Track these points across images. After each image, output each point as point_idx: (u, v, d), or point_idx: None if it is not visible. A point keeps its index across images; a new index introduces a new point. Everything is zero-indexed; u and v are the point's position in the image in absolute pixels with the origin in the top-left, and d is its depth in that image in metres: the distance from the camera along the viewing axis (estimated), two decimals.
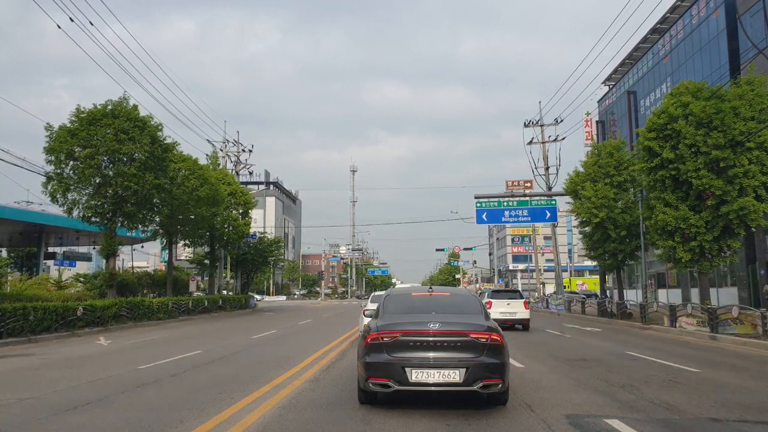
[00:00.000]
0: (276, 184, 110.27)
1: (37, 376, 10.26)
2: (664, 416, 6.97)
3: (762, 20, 27.65)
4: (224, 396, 8.08)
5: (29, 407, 7.46)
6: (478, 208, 36.30)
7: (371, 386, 6.77)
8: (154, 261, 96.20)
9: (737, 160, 19.63)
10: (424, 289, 8.58)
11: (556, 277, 41.26)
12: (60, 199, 25.31)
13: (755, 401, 8.13)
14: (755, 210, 19.48)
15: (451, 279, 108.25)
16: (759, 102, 20.13)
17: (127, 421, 6.63)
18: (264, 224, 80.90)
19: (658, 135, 21.18)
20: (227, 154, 44.73)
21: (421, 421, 6.57)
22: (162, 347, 15.33)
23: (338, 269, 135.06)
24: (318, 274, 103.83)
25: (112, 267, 27.98)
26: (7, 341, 16.00)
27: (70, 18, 21.64)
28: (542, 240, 69.38)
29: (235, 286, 48.02)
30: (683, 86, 21.73)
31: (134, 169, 25.20)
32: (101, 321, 21.40)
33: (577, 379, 9.84)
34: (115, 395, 8.21)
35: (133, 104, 26.43)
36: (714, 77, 30.47)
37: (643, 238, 26.15)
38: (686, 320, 20.65)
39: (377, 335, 6.83)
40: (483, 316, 7.37)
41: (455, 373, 6.57)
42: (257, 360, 12.34)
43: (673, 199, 21.08)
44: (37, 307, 18.00)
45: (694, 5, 37.49)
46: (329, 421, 6.62)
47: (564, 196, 35.88)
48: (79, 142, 24.70)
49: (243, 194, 42.24)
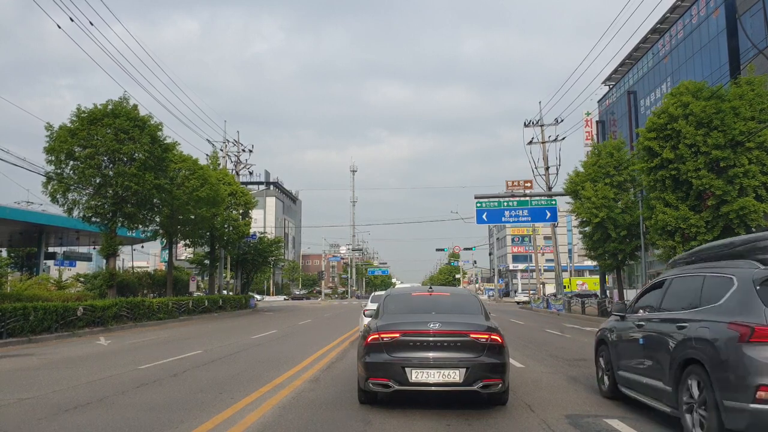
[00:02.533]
0: (276, 184, 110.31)
1: (37, 376, 10.26)
2: (665, 416, 6.96)
3: (762, 20, 27.66)
4: (224, 396, 8.08)
5: (29, 407, 7.45)
6: (479, 208, 36.32)
7: (371, 386, 6.78)
8: (154, 261, 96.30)
9: (737, 160, 19.64)
10: (424, 289, 8.58)
11: (556, 277, 41.27)
12: (60, 199, 25.31)
13: None
14: (755, 210, 19.49)
15: (451, 279, 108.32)
16: (759, 102, 20.13)
17: (127, 421, 6.63)
18: (264, 224, 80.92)
19: (658, 135, 21.18)
20: (227, 154, 44.76)
21: (421, 421, 6.57)
22: (162, 347, 15.33)
23: (338, 269, 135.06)
24: (318, 274, 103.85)
25: (112, 267, 27.98)
26: (7, 341, 16.00)
27: (70, 18, 21.68)
28: (542, 240, 69.41)
29: (235, 286, 48.03)
30: (683, 86, 21.74)
31: (134, 169, 25.20)
32: (101, 321, 21.39)
33: (577, 378, 9.84)
34: (115, 395, 8.20)
35: (133, 104, 26.50)
36: (714, 77, 30.50)
37: (643, 238, 26.16)
38: None
39: (377, 335, 6.83)
40: (483, 316, 7.37)
41: (455, 373, 6.57)
42: (257, 360, 12.34)
43: (673, 199, 21.08)
44: (37, 307, 17.99)
45: (694, 5, 37.51)
46: (329, 421, 6.62)
47: (564, 196, 35.91)
48: (80, 141, 24.70)
49: (243, 194, 42.25)
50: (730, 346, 5.04)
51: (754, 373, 4.74)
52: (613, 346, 7.80)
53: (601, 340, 8.38)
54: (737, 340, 4.97)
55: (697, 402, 5.39)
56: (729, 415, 4.86)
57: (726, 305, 5.44)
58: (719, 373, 5.06)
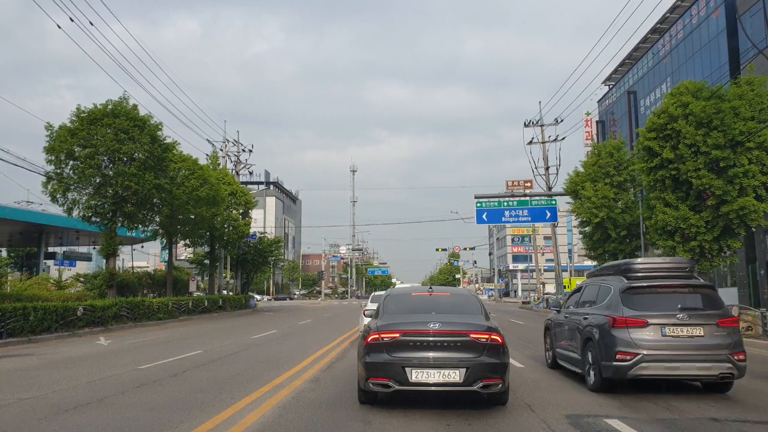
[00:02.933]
0: (276, 184, 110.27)
1: (37, 376, 10.26)
2: (665, 416, 6.97)
3: (762, 20, 27.65)
4: (224, 396, 8.08)
5: (29, 407, 7.45)
6: (479, 208, 36.28)
7: (371, 386, 6.77)
8: (154, 261, 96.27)
9: (737, 160, 19.62)
10: (424, 289, 8.58)
11: (556, 277, 41.26)
12: (60, 199, 25.28)
13: (755, 401, 8.13)
14: (755, 210, 19.47)
15: (451, 279, 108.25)
16: (759, 102, 20.11)
17: (127, 421, 6.63)
18: (264, 224, 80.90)
19: (658, 135, 21.16)
20: (227, 154, 44.74)
21: (421, 421, 6.57)
22: (162, 347, 15.33)
23: (338, 269, 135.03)
24: (318, 274, 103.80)
25: (112, 267, 27.97)
26: (7, 341, 16.00)
27: (71, 18, 21.66)
28: (542, 240, 69.39)
29: (235, 286, 48.02)
30: (683, 86, 21.72)
31: (134, 168, 25.18)
32: (101, 321, 21.39)
33: (577, 379, 9.84)
34: (115, 395, 8.20)
35: (133, 104, 26.48)
36: (714, 77, 30.49)
37: (643, 238, 26.15)
38: None
39: (377, 335, 6.83)
40: (483, 316, 7.37)
41: (455, 373, 6.57)
42: (257, 360, 12.33)
43: (673, 199, 21.07)
44: (37, 307, 17.98)
45: (694, 5, 37.49)
46: (329, 421, 6.62)
47: (564, 196, 35.88)
48: (79, 141, 24.68)
49: (243, 194, 42.22)
50: (605, 329, 8.39)
51: (615, 344, 8.13)
52: (552, 331, 11.15)
53: (546, 327, 11.65)
54: (608, 325, 8.34)
55: (592, 365, 8.68)
56: (604, 369, 8.24)
57: (606, 304, 8.84)
58: (600, 345, 8.39)
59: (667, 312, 8.15)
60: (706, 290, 8.65)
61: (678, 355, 7.92)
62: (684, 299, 8.41)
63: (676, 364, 7.92)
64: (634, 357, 7.94)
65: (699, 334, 8.04)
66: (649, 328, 8.07)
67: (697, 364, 7.92)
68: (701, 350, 7.95)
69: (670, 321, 8.08)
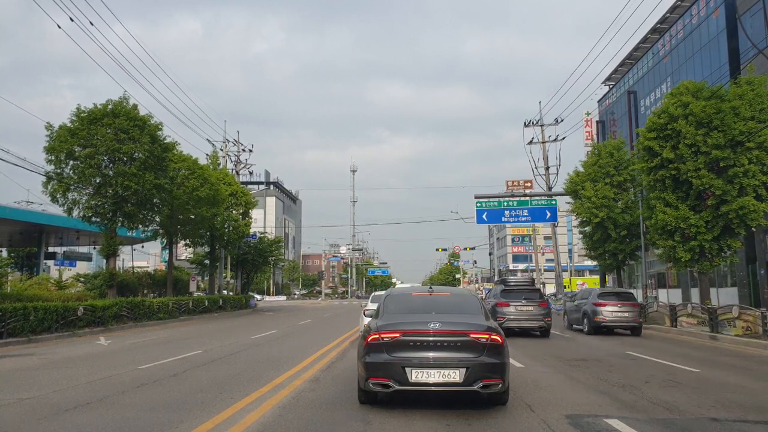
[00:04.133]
0: (276, 184, 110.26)
1: (37, 375, 10.26)
2: (665, 416, 6.97)
3: (762, 20, 27.65)
4: (224, 396, 8.08)
5: (29, 407, 7.46)
6: (479, 208, 36.24)
7: (371, 386, 6.77)
8: (154, 261, 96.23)
9: (737, 160, 19.63)
10: (424, 289, 8.57)
11: (557, 277, 41.23)
12: (60, 199, 25.27)
13: (755, 401, 8.14)
14: (755, 210, 19.48)
15: (451, 279, 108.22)
16: (759, 102, 20.12)
17: (127, 421, 6.63)
18: (264, 224, 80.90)
19: (658, 135, 21.17)
20: (227, 153, 44.71)
21: (421, 421, 6.57)
22: (162, 347, 15.33)
23: (338, 269, 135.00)
24: (318, 274, 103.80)
25: (112, 267, 27.97)
26: (8, 341, 15.99)
27: (71, 18, 21.63)
28: (542, 240, 69.39)
29: (236, 286, 48.01)
30: (683, 86, 21.73)
31: (134, 168, 25.17)
32: (101, 321, 21.39)
33: (577, 379, 9.85)
34: (115, 395, 8.21)
35: (133, 104, 26.46)
36: (714, 77, 30.49)
37: (643, 238, 26.15)
38: (686, 320, 20.67)
39: (377, 335, 6.82)
40: (483, 316, 7.38)
41: (455, 373, 6.57)
42: (257, 360, 12.34)
43: (673, 199, 21.08)
44: (37, 307, 17.97)
45: (694, 5, 37.47)
46: (329, 421, 6.62)
47: (564, 196, 35.86)
48: (80, 141, 24.67)
49: (243, 194, 42.20)
50: (494, 307, 18.63)
51: (497, 313, 18.15)
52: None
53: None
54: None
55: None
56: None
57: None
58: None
59: (517, 299, 18.74)
60: (536, 290, 20.23)
61: (521, 318, 18.52)
62: (525, 294, 19.20)
63: (521, 323, 18.56)
64: (503, 319, 17.98)
65: (530, 309, 18.51)
66: (510, 307, 18.52)
67: (529, 323, 18.56)
68: (531, 316, 18.49)
69: (519, 303, 18.61)
